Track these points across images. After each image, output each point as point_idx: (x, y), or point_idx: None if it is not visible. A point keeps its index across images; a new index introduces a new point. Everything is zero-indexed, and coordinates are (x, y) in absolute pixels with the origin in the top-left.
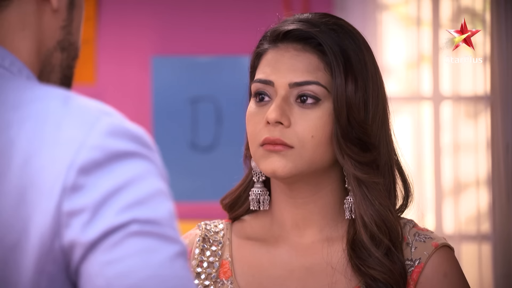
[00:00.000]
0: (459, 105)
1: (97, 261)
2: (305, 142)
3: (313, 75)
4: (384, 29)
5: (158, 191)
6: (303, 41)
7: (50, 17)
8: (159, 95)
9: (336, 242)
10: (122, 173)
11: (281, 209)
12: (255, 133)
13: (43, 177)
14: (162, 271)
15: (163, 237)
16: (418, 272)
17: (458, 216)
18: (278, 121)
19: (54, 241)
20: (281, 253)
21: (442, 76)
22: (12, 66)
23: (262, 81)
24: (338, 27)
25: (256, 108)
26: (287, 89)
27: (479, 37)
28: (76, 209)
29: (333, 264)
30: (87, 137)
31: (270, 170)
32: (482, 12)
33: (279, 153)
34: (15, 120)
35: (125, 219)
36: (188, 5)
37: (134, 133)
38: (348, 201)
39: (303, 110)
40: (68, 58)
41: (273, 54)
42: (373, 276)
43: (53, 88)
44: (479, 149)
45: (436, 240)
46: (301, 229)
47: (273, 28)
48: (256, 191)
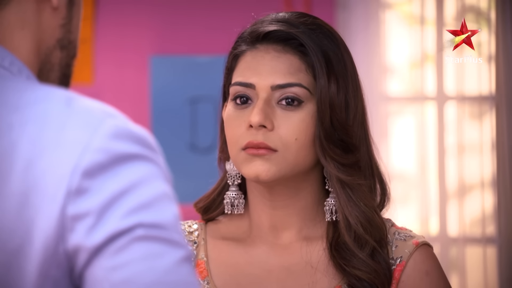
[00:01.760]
0: (464, 105)
1: (102, 266)
2: (289, 145)
3: (295, 77)
4: (387, 28)
5: (163, 194)
6: (283, 42)
7: (50, 15)
8: (158, 95)
9: (314, 241)
10: (127, 176)
11: (258, 211)
12: (236, 137)
13: (46, 180)
14: (168, 276)
15: (168, 242)
16: (400, 271)
17: (463, 219)
18: (262, 125)
19: (58, 246)
20: (258, 253)
21: (446, 75)
22: (12, 66)
23: (242, 84)
24: (317, 27)
25: (235, 111)
26: (269, 92)
27: (484, 36)
28: (80, 213)
29: (313, 264)
30: (92, 139)
31: (254, 175)
32: (487, 10)
33: (262, 157)
34: (16, 122)
35: (130, 223)
36: (187, 4)
37: (139, 135)
38: (329, 202)
39: (285, 112)
40: (68, 56)
41: (253, 55)
42: (358, 276)
43: (54, 88)
44: (484, 150)
45: (416, 238)
46: (279, 231)
47: (251, 28)
48: (231, 195)
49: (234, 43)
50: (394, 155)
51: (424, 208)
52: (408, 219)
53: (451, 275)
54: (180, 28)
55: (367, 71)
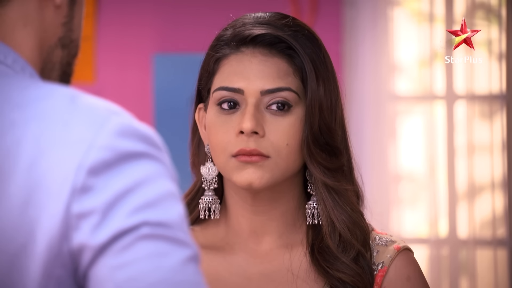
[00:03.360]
0: (474, 105)
1: (107, 265)
2: (280, 151)
3: (284, 81)
4: (396, 25)
5: (168, 193)
6: (270, 46)
7: (52, 13)
8: (161, 94)
9: (295, 247)
10: (132, 174)
11: (238, 216)
12: (224, 144)
13: (51, 179)
14: (174, 276)
15: (174, 241)
16: (382, 276)
17: (473, 221)
18: (254, 131)
19: (62, 244)
20: (238, 261)
21: (455, 74)
22: (15, 63)
23: (229, 89)
24: (300, 28)
25: (221, 117)
26: (258, 97)
27: (494, 34)
28: (85, 211)
29: (294, 270)
30: (97, 137)
31: (246, 182)
32: (498, 7)
33: (255, 164)
34: (20, 119)
35: (135, 222)
36: (191, 1)
37: (144, 133)
38: (311, 206)
39: (275, 117)
40: (69, 55)
41: (238, 60)
42: (342, 279)
43: (58, 86)
44: (494, 150)
45: (397, 243)
46: (259, 236)
47: (233, 31)
48: (206, 199)
49: (213, 45)
50: (403, 155)
51: (433, 209)
52: (417, 221)
53: (461, 278)
54: (183, 26)
55: (375, 69)
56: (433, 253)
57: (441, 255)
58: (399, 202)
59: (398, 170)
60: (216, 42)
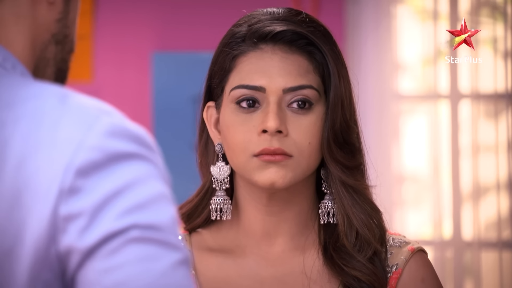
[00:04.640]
0: (479, 104)
1: (95, 269)
2: (303, 150)
3: (305, 79)
4: (399, 23)
5: (159, 195)
6: (290, 43)
7: (46, 10)
8: (160, 93)
9: (308, 249)
10: (122, 175)
11: (250, 217)
12: (245, 143)
13: (38, 179)
14: (163, 280)
15: (164, 244)
16: (396, 278)
17: (478, 222)
18: (278, 130)
19: (50, 247)
20: (249, 264)
21: (460, 73)
22: (6, 62)
23: (250, 87)
24: (316, 24)
25: (241, 115)
26: (280, 95)
27: (499, 31)
28: (73, 213)
29: (307, 273)
30: (86, 137)
31: (269, 182)
32: (503, 4)
33: (278, 164)
34: (9, 119)
35: (124, 224)
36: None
37: (135, 134)
38: (326, 204)
39: (297, 116)
40: (63, 51)
41: (258, 57)
42: (357, 277)
43: (49, 85)
44: (500, 150)
45: (411, 244)
46: (272, 237)
47: (251, 28)
48: (218, 200)
49: (227, 42)
50: (406, 155)
51: (437, 211)
52: (421, 223)
53: (465, 280)
54: (182, 23)
55: (378, 68)
56: (437, 255)
57: (445, 257)
58: (402, 203)
59: (402, 171)
60: (230, 39)
